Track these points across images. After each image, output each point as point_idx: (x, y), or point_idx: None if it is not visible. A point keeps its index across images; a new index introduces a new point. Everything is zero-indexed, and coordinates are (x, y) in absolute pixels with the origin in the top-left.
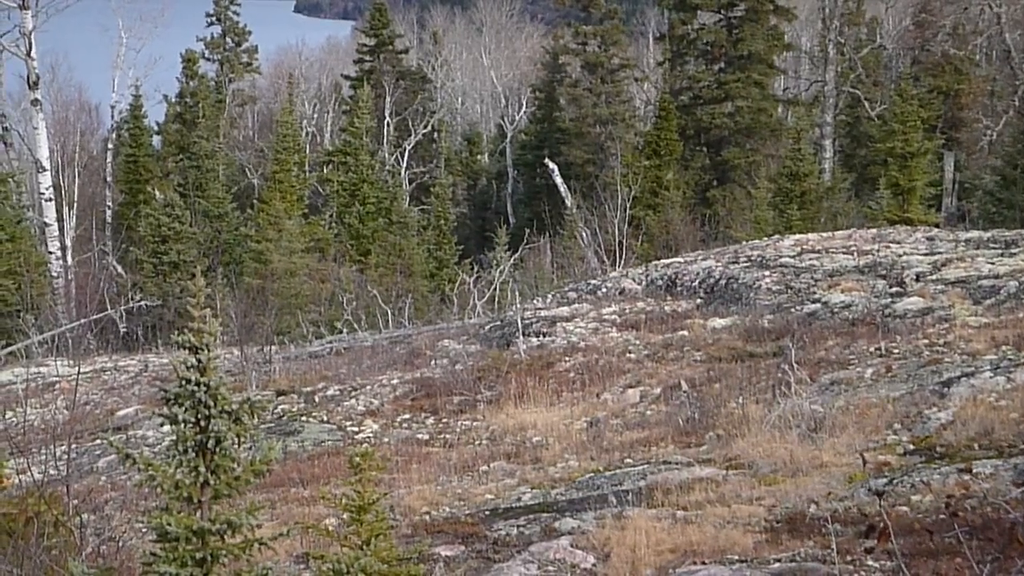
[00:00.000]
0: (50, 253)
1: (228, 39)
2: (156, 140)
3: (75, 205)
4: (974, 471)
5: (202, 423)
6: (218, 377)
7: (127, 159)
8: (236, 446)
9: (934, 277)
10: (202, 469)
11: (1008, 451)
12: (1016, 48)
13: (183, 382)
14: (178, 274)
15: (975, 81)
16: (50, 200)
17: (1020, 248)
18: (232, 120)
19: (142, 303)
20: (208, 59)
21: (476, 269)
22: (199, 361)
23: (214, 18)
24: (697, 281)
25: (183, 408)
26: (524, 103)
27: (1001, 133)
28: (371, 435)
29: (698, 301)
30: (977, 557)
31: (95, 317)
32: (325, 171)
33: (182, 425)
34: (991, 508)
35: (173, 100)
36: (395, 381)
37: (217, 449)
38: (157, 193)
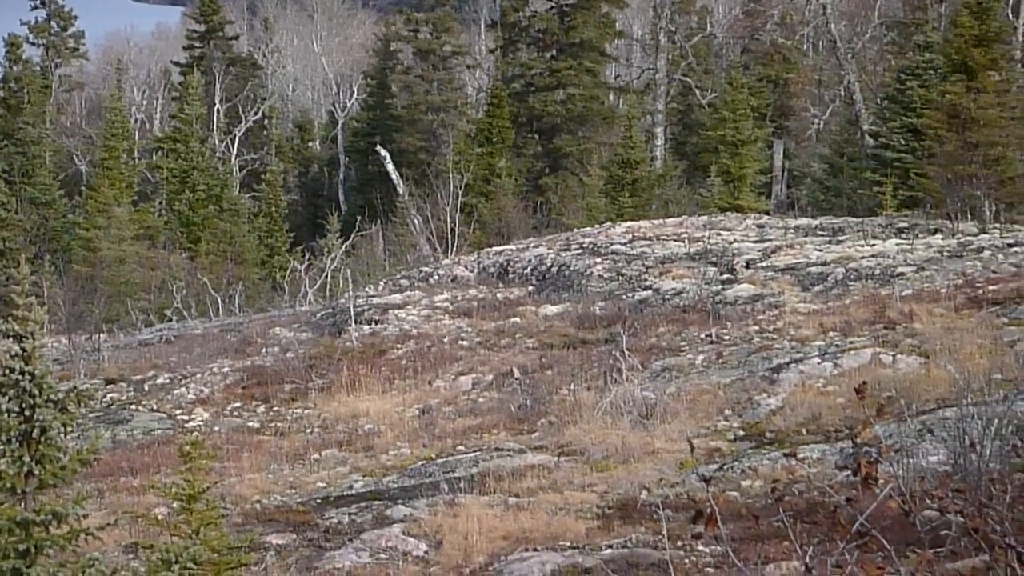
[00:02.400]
0: None
1: (53, 23)
2: None
3: None
4: (800, 456)
5: (27, 412)
6: (44, 366)
7: None
8: (63, 435)
9: (764, 264)
10: (26, 459)
11: (835, 436)
12: (842, 38)
13: (7, 371)
14: (3, 262)
15: (803, 70)
16: None
17: (847, 235)
18: (59, 106)
19: None
20: (33, 43)
21: (308, 256)
22: (23, 350)
23: (38, 2)
24: (529, 268)
25: (6, 397)
26: (356, 90)
27: (828, 122)
28: (201, 423)
29: (530, 288)
30: (802, 540)
31: None
32: (155, 158)
33: (5, 414)
34: (817, 492)
35: None
36: (226, 369)
37: (42, 438)
38: None
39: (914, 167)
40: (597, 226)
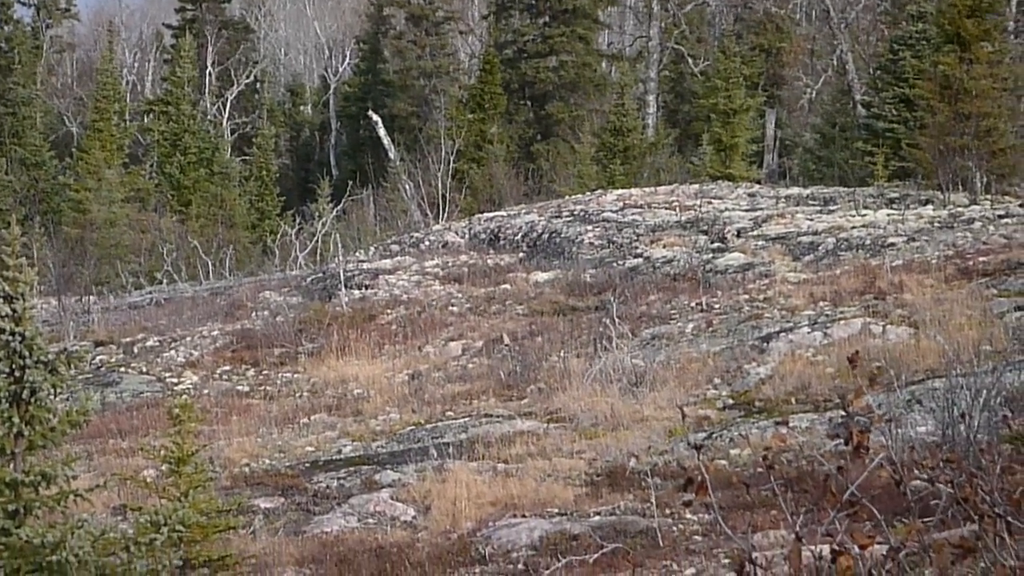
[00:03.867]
0: None
1: None
2: None
3: None
4: (791, 425)
5: (16, 373)
6: (34, 327)
7: None
8: (52, 397)
9: (755, 233)
10: (16, 420)
11: (824, 405)
12: (835, 8)
13: None
14: None
15: (796, 39)
16: None
17: (838, 205)
18: (50, 67)
19: None
20: (24, 3)
21: (298, 221)
22: (14, 311)
23: None
24: (520, 235)
25: None
26: (348, 55)
27: (820, 92)
28: (191, 387)
29: (521, 255)
30: (792, 509)
31: None
32: (146, 120)
33: None
34: (806, 461)
35: None
36: (215, 333)
37: (32, 400)
38: None
39: (906, 138)
40: (588, 193)
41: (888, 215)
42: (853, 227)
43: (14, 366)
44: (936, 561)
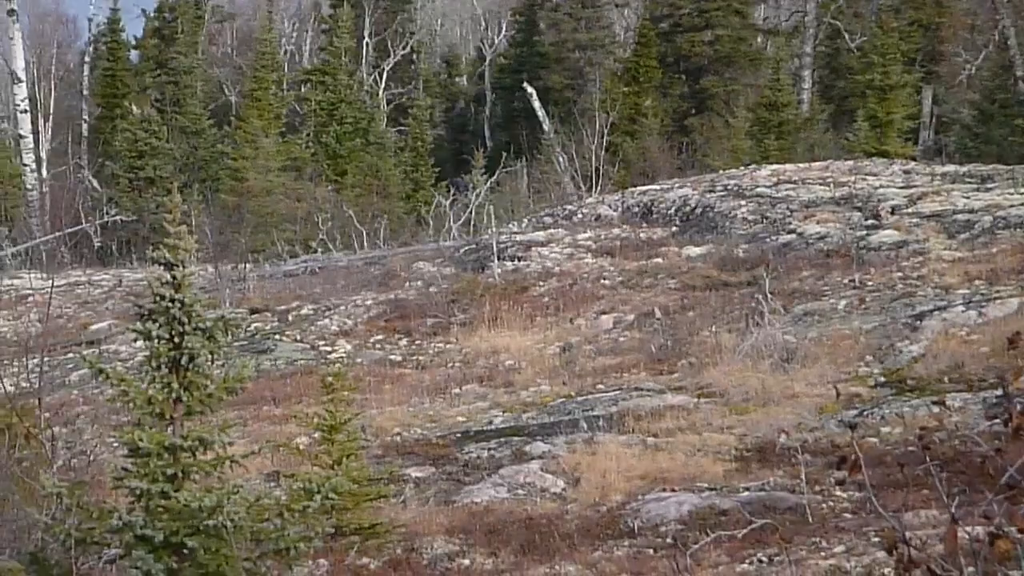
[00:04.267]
0: (24, 165)
1: None
2: (134, 55)
3: (51, 118)
4: (947, 404)
5: (176, 340)
6: (193, 294)
7: (104, 73)
8: (209, 363)
9: (910, 210)
10: (175, 385)
11: (978, 385)
12: None
13: (158, 298)
14: (153, 190)
15: (956, 15)
16: (25, 112)
17: (995, 183)
18: (211, 36)
19: (117, 218)
20: None
21: (452, 192)
22: (174, 277)
23: None
24: (673, 209)
25: (157, 324)
26: (504, 26)
27: (980, 68)
28: (344, 355)
29: (673, 229)
30: (945, 490)
31: (69, 230)
32: (303, 90)
33: (156, 341)
34: (959, 441)
35: (151, 15)
36: (369, 302)
37: (190, 366)
38: (134, 108)
39: None
40: (742, 168)
41: None
42: (1011, 205)
43: (173, 332)
44: None
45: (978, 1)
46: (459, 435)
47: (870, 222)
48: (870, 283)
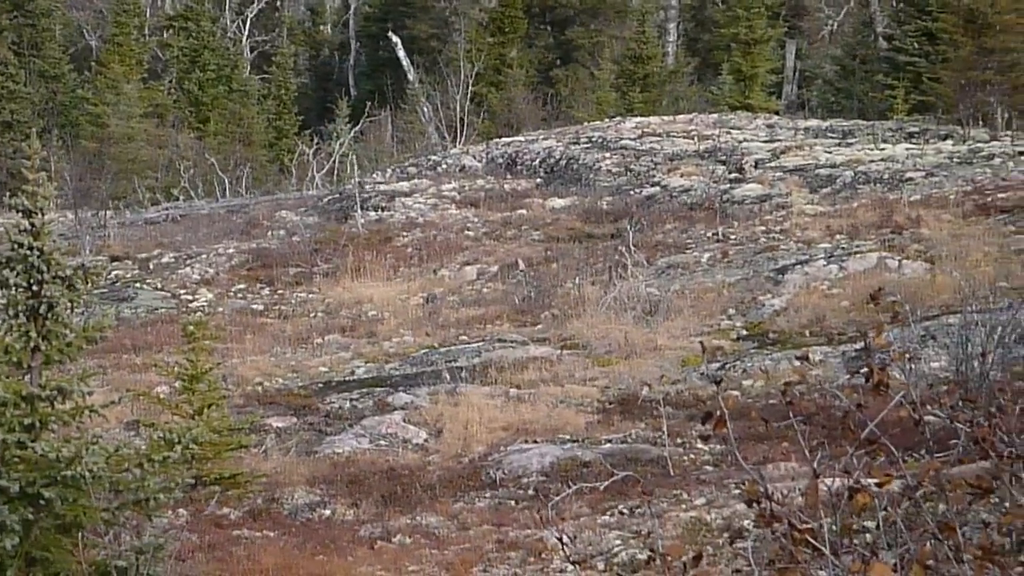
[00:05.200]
0: None
1: None
2: None
3: None
4: (810, 359)
5: (34, 288)
6: (52, 242)
7: None
8: (69, 312)
9: (773, 164)
10: (33, 334)
11: (838, 339)
12: None
13: (15, 246)
14: (11, 134)
15: None
16: None
17: (856, 138)
18: None
19: None
20: None
21: (316, 140)
22: (32, 225)
23: None
24: (538, 160)
25: (15, 272)
26: None
27: (842, 23)
28: (205, 304)
29: (538, 181)
30: (807, 445)
31: None
32: (165, 36)
33: (13, 289)
34: (820, 394)
35: None
36: (231, 251)
37: (49, 315)
38: None
39: (927, 71)
40: (607, 120)
41: (907, 149)
42: (871, 160)
43: (32, 281)
44: (953, 500)
45: None
46: (321, 385)
47: (734, 176)
48: (733, 237)
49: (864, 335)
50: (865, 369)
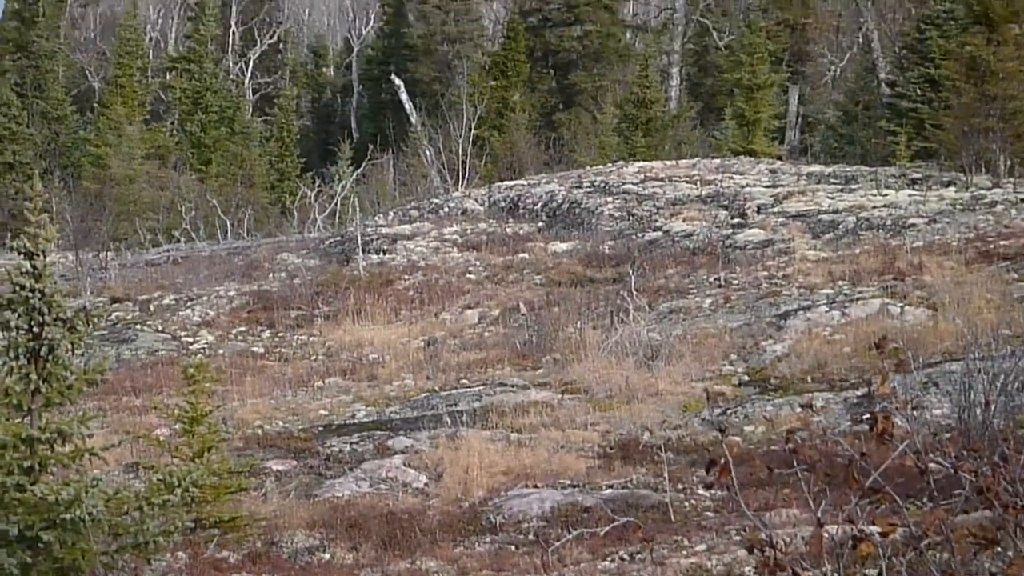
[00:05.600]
0: None
1: None
2: None
3: None
4: (813, 405)
5: (35, 330)
6: (53, 284)
7: None
8: (70, 354)
9: (775, 210)
10: (34, 376)
11: (840, 385)
12: None
13: (17, 288)
14: (12, 175)
15: (821, 15)
16: None
17: (859, 184)
18: (73, 20)
19: None
20: None
21: (318, 183)
22: (34, 267)
23: None
24: (540, 204)
25: (16, 314)
26: (372, 17)
27: (844, 69)
28: (206, 346)
29: (540, 224)
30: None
31: None
32: (168, 78)
33: (14, 331)
34: (821, 441)
35: None
36: (232, 293)
37: (50, 357)
38: None
39: (930, 118)
40: (609, 165)
41: (909, 196)
42: (874, 207)
43: (33, 322)
44: (957, 551)
45: (843, 3)
46: (321, 428)
47: (736, 221)
48: (735, 282)
49: (868, 383)
50: (868, 416)
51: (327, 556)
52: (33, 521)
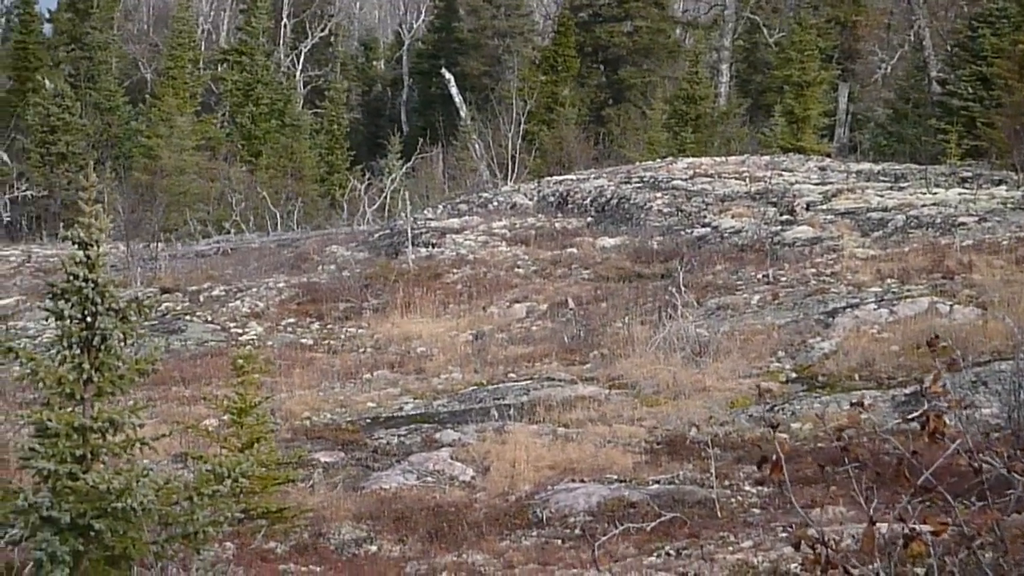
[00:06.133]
0: None
1: None
2: (47, 28)
3: None
4: (865, 404)
5: (88, 319)
6: (106, 274)
7: (16, 45)
8: (122, 344)
9: (824, 207)
10: (86, 366)
11: (887, 383)
12: None
13: (71, 277)
14: (65, 165)
15: (872, 13)
16: None
17: (909, 182)
18: (127, 12)
19: (27, 193)
20: None
21: (367, 176)
22: (88, 257)
23: None
24: (589, 199)
25: (70, 303)
26: (423, 11)
27: (895, 67)
28: (255, 337)
29: (589, 219)
30: (861, 491)
31: None
32: (220, 70)
33: (68, 320)
34: (869, 439)
35: None
36: (281, 284)
37: (102, 346)
38: (47, 82)
39: (981, 116)
40: (658, 160)
41: (959, 194)
42: (923, 205)
43: (86, 312)
44: (1012, 551)
45: (894, 0)
46: (369, 421)
47: (785, 218)
48: (783, 279)
49: (919, 381)
50: (920, 415)
51: (374, 548)
52: (85, 509)
